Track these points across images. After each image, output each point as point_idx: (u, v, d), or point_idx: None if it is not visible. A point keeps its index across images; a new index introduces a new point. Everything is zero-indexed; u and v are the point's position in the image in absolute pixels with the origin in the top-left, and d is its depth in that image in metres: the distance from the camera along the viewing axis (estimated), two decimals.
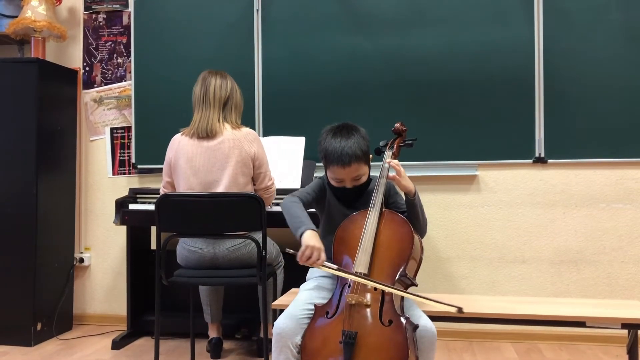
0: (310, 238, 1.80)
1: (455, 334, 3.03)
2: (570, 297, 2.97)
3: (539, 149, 2.97)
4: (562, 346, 2.93)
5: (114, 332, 3.16)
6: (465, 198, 3.08)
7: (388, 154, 2.05)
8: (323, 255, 1.77)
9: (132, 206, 2.91)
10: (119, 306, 3.34)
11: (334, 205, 2.06)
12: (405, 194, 1.95)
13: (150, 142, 3.30)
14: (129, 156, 3.40)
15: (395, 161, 1.95)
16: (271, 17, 3.19)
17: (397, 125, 2.12)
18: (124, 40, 3.40)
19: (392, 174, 1.92)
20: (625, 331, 1.91)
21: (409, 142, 2.12)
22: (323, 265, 1.77)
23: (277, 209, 2.68)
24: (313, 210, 2.12)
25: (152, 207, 2.55)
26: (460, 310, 1.62)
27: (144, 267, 3.12)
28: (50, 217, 3.14)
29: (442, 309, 1.65)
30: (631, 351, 1.93)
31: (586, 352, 2.83)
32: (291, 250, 1.81)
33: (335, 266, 1.77)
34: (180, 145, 2.50)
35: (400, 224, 1.87)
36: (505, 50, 2.98)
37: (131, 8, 3.36)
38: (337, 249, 1.88)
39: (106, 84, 3.44)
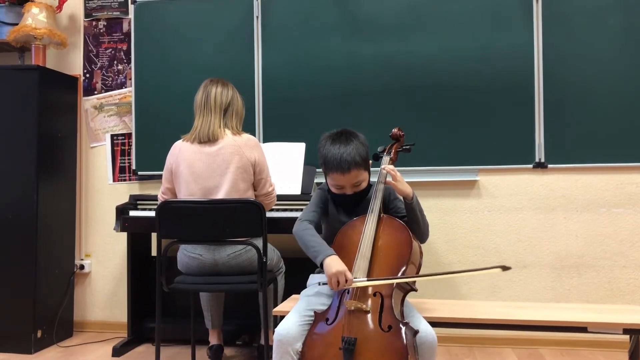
0: (331, 266, 1.76)
1: (457, 339, 3.02)
2: (572, 302, 2.96)
3: (539, 154, 2.97)
4: (564, 351, 2.91)
5: (115, 339, 3.15)
6: (465, 203, 3.08)
7: (386, 159, 2.05)
8: (349, 275, 1.74)
9: (132, 213, 2.91)
10: (120, 313, 3.34)
11: (335, 212, 2.06)
12: (404, 198, 1.96)
13: (151, 148, 3.30)
14: (129, 163, 3.40)
15: (390, 166, 1.96)
16: (271, 24, 3.20)
17: (395, 130, 2.12)
18: (124, 47, 3.41)
19: (389, 179, 1.92)
20: (627, 336, 1.91)
21: (407, 147, 2.12)
22: (354, 284, 1.75)
23: (278, 214, 2.71)
24: None
25: (152, 213, 2.55)
26: (505, 268, 1.64)
27: (145, 274, 3.12)
28: (50, 223, 3.14)
29: (485, 272, 1.65)
30: (632, 356, 1.92)
31: (588, 357, 2.82)
32: (321, 283, 1.83)
33: (365, 278, 1.75)
34: (181, 152, 2.50)
35: (398, 229, 1.87)
36: (505, 55, 2.98)
37: (131, 15, 3.37)
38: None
39: (106, 91, 3.45)
